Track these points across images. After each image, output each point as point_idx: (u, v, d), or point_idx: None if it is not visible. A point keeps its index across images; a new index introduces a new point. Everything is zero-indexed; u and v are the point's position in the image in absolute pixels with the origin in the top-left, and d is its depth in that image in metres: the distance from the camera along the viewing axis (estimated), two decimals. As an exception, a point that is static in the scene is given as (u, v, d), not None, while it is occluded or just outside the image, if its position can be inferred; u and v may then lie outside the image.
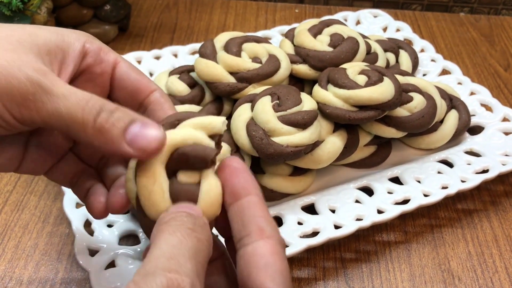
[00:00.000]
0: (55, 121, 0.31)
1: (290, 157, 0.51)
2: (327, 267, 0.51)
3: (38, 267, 0.50)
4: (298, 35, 0.62)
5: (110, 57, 0.37)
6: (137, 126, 0.31)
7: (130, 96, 0.38)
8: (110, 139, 0.31)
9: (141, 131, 0.31)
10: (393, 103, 0.55)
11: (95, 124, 0.31)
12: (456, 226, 0.56)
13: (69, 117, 0.31)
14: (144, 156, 0.31)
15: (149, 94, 0.37)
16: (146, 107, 0.38)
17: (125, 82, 0.37)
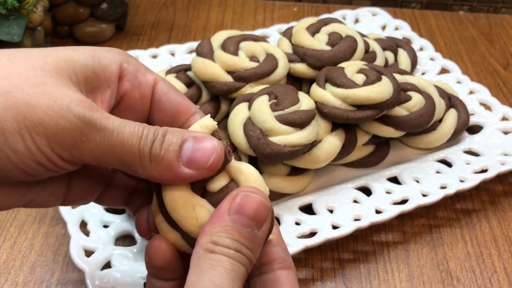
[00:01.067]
0: (108, 159, 0.29)
1: (287, 157, 0.50)
2: (325, 267, 0.51)
3: (33, 268, 0.50)
4: (296, 33, 0.61)
5: (149, 78, 0.35)
6: (190, 144, 0.30)
7: (170, 119, 0.35)
8: (167, 167, 0.30)
9: (196, 148, 0.30)
10: (391, 102, 0.54)
11: (151, 155, 0.29)
12: (454, 226, 0.56)
13: (125, 153, 0.29)
14: (207, 173, 0.30)
15: (189, 117, 0.35)
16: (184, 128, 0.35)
17: (165, 105, 0.35)
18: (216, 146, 0.30)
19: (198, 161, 0.30)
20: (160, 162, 0.29)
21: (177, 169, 0.30)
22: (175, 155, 0.30)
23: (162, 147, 0.29)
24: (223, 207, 0.29)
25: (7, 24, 0.64)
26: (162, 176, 0.30)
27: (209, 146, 0.30)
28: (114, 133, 0.29)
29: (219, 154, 0.30)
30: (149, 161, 0.29)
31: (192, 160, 0.30)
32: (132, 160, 0.29)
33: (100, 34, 0.79)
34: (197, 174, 0.30)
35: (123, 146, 0.29)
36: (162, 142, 0.30)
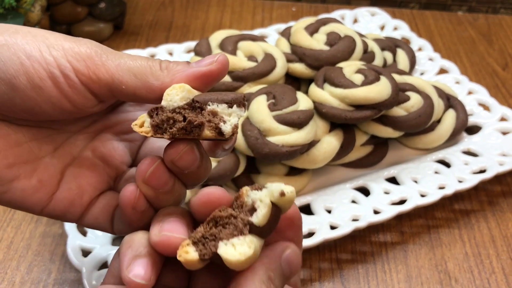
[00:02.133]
0: (122, 72, 0.31)
1: (285, 157, 0.50)
2: (323, 268, 0.51)
3: (30, 268, 0.50)
4: (294, 33, 0.61)
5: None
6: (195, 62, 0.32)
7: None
8: (180, 69, 0.32)
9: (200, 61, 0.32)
10: (389, 102, 0.54)
11: (161, 66, 0.32)
12: (453, 226, 0.56)
13: (137, 65, 0.31)
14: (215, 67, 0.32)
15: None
16: None
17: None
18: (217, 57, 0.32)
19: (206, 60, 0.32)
20: (171, 69, 0.32)
21: (189, 68, 0.32)
22: (184, 64, 0.32)
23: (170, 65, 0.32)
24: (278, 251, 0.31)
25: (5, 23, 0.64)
26: (174, 80, 0.31)
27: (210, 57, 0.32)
28: (124, 55, 0.32)
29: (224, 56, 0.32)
30: (160, 70, 0.31)
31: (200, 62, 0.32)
32: (144, 72, 0.31)
33: (98, 33, 0.79)
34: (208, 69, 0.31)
35: (133, 60, 0.31)
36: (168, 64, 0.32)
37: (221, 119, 0.31)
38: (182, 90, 0.31)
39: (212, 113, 0.31)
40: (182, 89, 0.31)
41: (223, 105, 0.31)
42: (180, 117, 0.31)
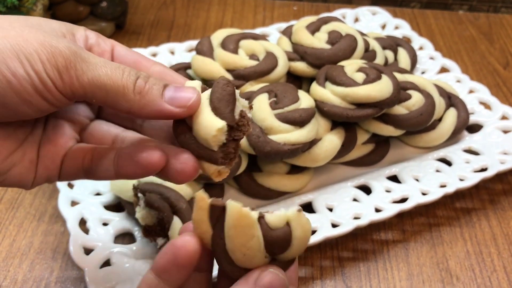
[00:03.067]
0: (95, 88, 0.31)
1: (287, 155, 0.50)
2: (325, 266, 0.51)
3: (33, 266, 0.50)
4: (296, 32, 0.61)
5: (108, 40, 0.38)
6: (172, 88, 0.33)
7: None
8: (151, 100, 0.32)
9: (177, 91, 0.33)
10: (391, 100, 0.54)
11: (136, 88, 0.32)
12: (454, 225, 0.56)
13: (110, 83, 0.31)
14: (186, 112, 0.32)
15: (150, 66, 0.37)
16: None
17: (125, 58, 0.37)
18: (195, 90, 0.33)
19: (180, 99, 0.32)
20: (144, 95, 0.32)
21: (160, 103, 0.32)
22: (160, 92, 0.32)
23: (147, 84, 0.32)
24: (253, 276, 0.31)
25: (7, 22, 0.64)
26: (143, 109, 0.32)
27: (189, 92, 0.33)
28: (99, 65, 0.31)
29: (199, 96, 0.33)
30: (132, 93, 0.32)
31: (175, 98, 0.32)
32: (116, 91, 0.31)
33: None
34: (178, 111, 0.32)
35: (107, 76, 0.31)
36: (146, 80, 0.32)
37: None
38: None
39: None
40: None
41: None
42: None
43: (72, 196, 0.51)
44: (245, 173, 0.54)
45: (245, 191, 0.55)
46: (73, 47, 0.31)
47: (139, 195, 0.46)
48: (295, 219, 0.31)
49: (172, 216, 0.45)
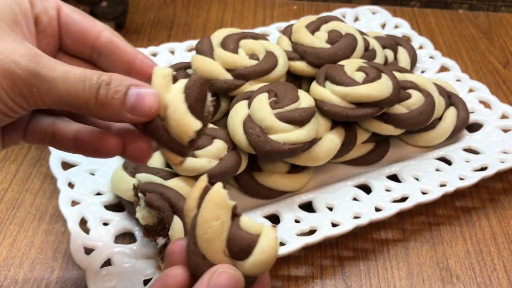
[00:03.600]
0: (60, 104, 0.33)
1: (287, 154, 0.50)
2: (325, 265, 0.51)
3: (33, 266, 0.50)
4: (295, 31, 0.61)
5: (52, 2, 0.37)
6: (134, 94, 0.34)
7: (80, 40, 0.38)
8: (114, 112, 0.33)
9: (138, 99, 0.34)
10: (391, 100, 0.54)
11: (97, 101, 0.33)
12: (454, 224, 0.56)
13: (73, 101, 0.32)
14: (147, 118, 0.34)
15: (98, 34, 0.37)
16: (100, 51, 0.38)
17: (72, 26, 0.37)
18: (156, 96, 0.34)
19: (141, 109, 0.34)
20: (106, 107, 0.33)
21: (122, 114, 0.34)
22: (121, 102, 0.33)
23: (108, 94, 0.33)
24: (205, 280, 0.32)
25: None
26: (106, 118, 0.34)
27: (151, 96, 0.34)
28: (59, 82, 0.32)
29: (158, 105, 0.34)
30: (95, 106, 0.33)
31: (136, 107, 0.34)
32: (79, 105, 0.33)
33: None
34: (138, 119, 0.34)
35: (69, 93, 0.32)
36: (107, 90, 0.33)
37: None
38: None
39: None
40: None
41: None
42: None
43: (72, 196, 0.51)
44: (245, 172, 0.54)
45: (245, 191, 0.55)
46: (32, 69, 0.31)
47: (139, 195, 0.46)
48: (267, 233, 0.32)
49: (172, 216, 0.45)
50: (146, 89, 0.34)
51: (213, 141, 0.52)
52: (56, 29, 0.37)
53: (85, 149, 0.37)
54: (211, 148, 0.51)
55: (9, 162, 0.60)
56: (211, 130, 0.53)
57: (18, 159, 0.60)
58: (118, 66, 0.38)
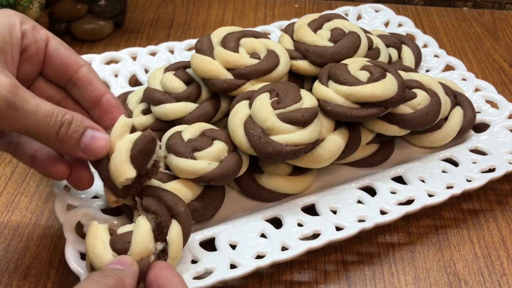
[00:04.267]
0: (24, 133, 0.39)
1: (289, 156, 0.49)
2: (328, 270, 0.50)
3: (28, 271, 0.48)
4: (297, 30, 0.60)
5: (43, 34, 0.42)
6: (89, 135, 0.40)
7: (60, 71, 0.43)
8: (68, 148, 0.40)
9: (91, 141, 0.40)
10: (396, 99, 0.53)
11: (57, 137, 0.39)
12: (461, 227, 0.54)
13: (37, 132, 0.39)
14: (95, 158, 0.41)
15: (77, 70, 0.43)
16: (75, 83, 0.44)
17: (56, 59, 0.43)
18: (107, 141, 0.41)
19: (92, 150, 0.41)
20: (63, 143, 0.40)
21: (75, 151, 0.41)
22: (76, 141, 0.40)
23: (67, 133, 0.39)
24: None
25: (2, 20, 0.63)
26: (60, 151, 0.42)
27: (101, 143, 0.41)
28: (30, 115, 0.38)
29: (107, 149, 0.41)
30: (54, 140, 0.39)
31: (88, 148, 0.41)
32: (41, 137, 0.39)
33: (98, 31, 0.77)
34: (88, 158, 0.41)
35: (35, 126, 0.38)
36: (68, 128, 0.39)
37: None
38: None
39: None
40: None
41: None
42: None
43: (68, 200, 0.50)
44: (246, 174, 0.52)
45: (246, 193, 0.54)
46: (9, 98, 0.36)
47: (136, 199, 0.44)
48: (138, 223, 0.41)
49: (170, 220, 0.43)
50: (100, 134, 0.41)
51: (213, 143, 0.50)
52: (41, 59, 0.43)
53: (38, 168, 0.43)
54: (211, 150, 0.49)
55: (4, 164, 0.58)
56: (211, 131, 0.52)
57: (14, 161, 0.59)
58: (87, 99, 0.44)
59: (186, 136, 0.51)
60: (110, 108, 0.44)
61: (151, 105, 0.56)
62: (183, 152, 0.49)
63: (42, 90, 0.44)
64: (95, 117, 0.45)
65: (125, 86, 0.64)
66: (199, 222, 0.50)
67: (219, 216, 0.51)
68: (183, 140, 0.50)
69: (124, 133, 0.42)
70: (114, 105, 0.44)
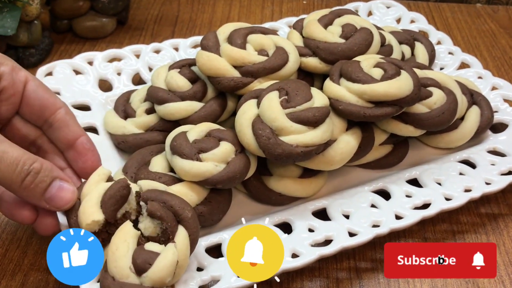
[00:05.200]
0: None
1: (300, 158, 0.47)
2: (341, 277, 0.47)
3: (26, 278, 0.46)
4: (307, 26, 0.57)
5: (22, 76, 0.43)
6: (56, 186, 0.40)
7: (38, 113, 0.44)
8: (33, 197, 0.40)
9: (58, 192, 0.40)
10: (411, 98, 0.50)
11: (22, 185, 0.39)
12: (480, 232, 0.52)
13: (1, 178, 0.38)
14: (59, 210, 0.41)
15: (55, 111, 0.44)
16: (51, 124, 0.44)
17: (33, 101, 0.43)
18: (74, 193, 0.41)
19: (57, 202, 0.41)
20: (28, 192, 0.39)
21: (39, 201, 0.40)
22: (41, 192, 0.40)
23: (34, 182, 0.39)
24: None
25: (1, 16, 0.61)
26: (25, 200, 0.41)
27: (67, 196, 0.41)
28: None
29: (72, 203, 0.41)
30: (18, 188, 0.39)
31: (53, 199, 0.40)
32: (5, 183, 0.39)
33: (100, 28, 0.75)
34: (52, 209, 0.41)
35: (2, 174, 0.38)
36: (34, 177, 0.39)
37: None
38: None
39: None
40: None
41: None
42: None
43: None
44: (254, 177, 0.50)
45: (254, 196, 0.52)
46: None
47: (141, 204, 0.42)
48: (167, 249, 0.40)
49: (177, 226, 0.41)
50: (68, 186, 0.41)
51: (219, 144, 0.48)
52: (18, 100, 0.43)
53: (4, 210, 0.43)
54: (218, 151, 0.47)
55: (2, 165, 0.56)
56: (217, 131, 0.49)
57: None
58: (62, 140, 0.45)
59: (192, 136, 0.48)
60: (84, 151, 0.45)
61: (155, 104, 0.54)
62: (188, 154, 0.46)
63: (18, 129, 0.45)
64: (69, 159, 0.45)
65: (128, 84, 0.62)
66: (205, 227, 0.48)
67: (226, 221, 0.49)
68: (188, 141, 0.48)
69: (100, 181, 0.43)
70: (88, 149, 0.45)
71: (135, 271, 0.39)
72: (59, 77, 0.60)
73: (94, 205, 0.40)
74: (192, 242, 0.41)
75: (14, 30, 0.61)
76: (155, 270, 0.38)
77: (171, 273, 0.39)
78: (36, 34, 0.68)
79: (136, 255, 0.39)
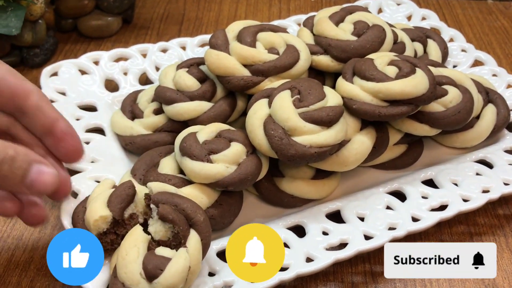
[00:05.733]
0: None
1: (313, 158, 0.45)
2: (356, 282, 0.46)
3: (33, 284, 0.45)
4: (318, 23, 0.56)
5: None
6: (35, 171, 0.37)
7: (8, 100, 0.41)
8: (13, 185, 0.37)
9: (38, 177, 0.37)
10: (427, 97, 0.49)
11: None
12: (498, 234, 0.50)
13: None
14: (41, 195, 0.40)
15: (26, 97, 0.41)
16: (25, 111, 0.42)
17: (2, 88, 0.41)
18: (55, 176, 0.38)
19: (39, 187, 0.37)
20: (6, 180, 0.36)
21: (20, 188, 0.37)
22: (20, 178, 0.37)
23: (10, 169, 0.36)
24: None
25: (5, 16, 0.60)
26: (5, 189, 0.38)
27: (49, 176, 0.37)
28: None
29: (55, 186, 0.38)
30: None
31: (34, 184, 0.37)
32: None
33: (106, 27, 0.74)
34: (34, 194, 0.39)
35: None
36: (10, 165, 0.36)
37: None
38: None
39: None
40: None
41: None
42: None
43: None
44: (265, 178, 0.49)
45: (266, 198, 0.50)
46: None
47: (152, 206, 0.41)
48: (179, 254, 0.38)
49: (189, 230, 0.40)
50: (48, 168, 0.38)
51: (230, 144, 0.47)
52: None
53: None
54: (228, 152, 0.46)
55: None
56: (227, 132, 0.48)
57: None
58: (38, 127, 0.42)
59: (201, 137, 0.47)
60: (63, 136, 0.43)
61: (163, 105, 0.53)
62: (198, 155, 0.45)
63: None
64: (48, 145, 0.43)
65: (135, 84, 0.61)
66: (215, 230, 0.47)
67: (237, 224, 0.48)
68: (198, 142, 0.46)
69: (106, 190, 0.42)
70: (66, 133, 0.43)
71: (146, 277, 0.37)
72: (65, 77, 0.59)
73: (101, 203, 0.40)
74: (204, 246, 0.40)
75: (19, 30, 0.60)
76: (167, 276, 0.37)
77: (183, 279, 0.38)
78: (41, 34, 0.67)
79: (147, 260, 0.38)
